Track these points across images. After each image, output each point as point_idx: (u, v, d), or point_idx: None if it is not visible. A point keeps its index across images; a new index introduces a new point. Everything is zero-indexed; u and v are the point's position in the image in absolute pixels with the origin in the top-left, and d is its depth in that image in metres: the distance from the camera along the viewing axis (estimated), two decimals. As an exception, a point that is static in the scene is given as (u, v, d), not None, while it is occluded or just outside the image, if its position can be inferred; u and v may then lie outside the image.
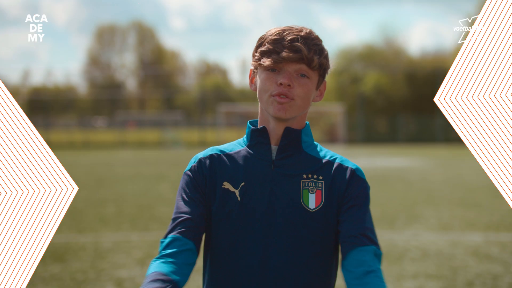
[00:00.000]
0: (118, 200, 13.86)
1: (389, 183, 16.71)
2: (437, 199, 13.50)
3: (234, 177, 2.24)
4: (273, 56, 2.18)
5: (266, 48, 2.21)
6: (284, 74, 2.18)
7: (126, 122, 50.40)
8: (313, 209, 2.20)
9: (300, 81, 2.19)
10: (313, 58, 2.18)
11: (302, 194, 2.21)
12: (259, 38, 2.26)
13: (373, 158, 27.56)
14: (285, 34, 2.20)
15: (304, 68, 2.19)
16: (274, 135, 2.26)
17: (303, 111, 2.25)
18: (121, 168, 23.70)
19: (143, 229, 10.12)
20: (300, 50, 2.17)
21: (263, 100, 2.23)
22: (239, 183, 2.23)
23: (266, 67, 2.21)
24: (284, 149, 2.25)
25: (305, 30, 2.23)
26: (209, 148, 2.34)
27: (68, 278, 7.07)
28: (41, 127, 48.39)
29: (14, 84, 68.54)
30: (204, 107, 51.35)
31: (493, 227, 10.16)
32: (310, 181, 2.23)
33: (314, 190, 2.22)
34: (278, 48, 2.18)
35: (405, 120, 45.18)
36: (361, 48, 53.20)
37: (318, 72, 2.23)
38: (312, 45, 2.20)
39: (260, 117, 2.29)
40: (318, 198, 2.21)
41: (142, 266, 7.59)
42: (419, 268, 7.43)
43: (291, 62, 2.18)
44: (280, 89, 2.18)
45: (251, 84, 2.31)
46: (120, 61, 75.03)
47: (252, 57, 2.28)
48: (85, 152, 37.19)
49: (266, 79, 2.21)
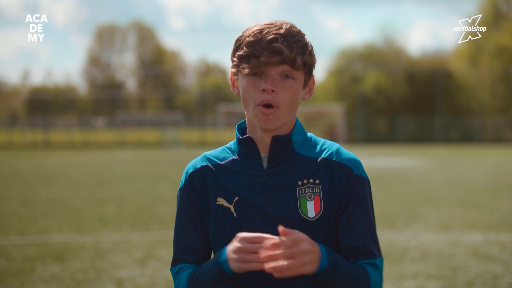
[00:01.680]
0: (118, 200, 13.85)
1: (389, 183, 16.70)
2: (437, 199, 13.50)
3: (227, 191, 2.12)
4: (252, 61, 2.02)
5: (243, 52, 2.04)
6: (267, 79, 2.03)
7: (126, 122, 50.40)
8: (313, 218, 2.09)
9: (285, 84, 2.04)
10: (296, 58, 2.03)
11: (300, 203, 2.09)
12: (236, 40, 2.10)
13: (373, 158, 27.56)
14: (264, 34, 2.03)
15: (287, 69, 2.04)
16: (263, 144, 2.13)
17: (291, 117, 2.11)
18: (121, 168, 23.69)
19: (143, 229, 10.12)
20: (281, 51, 2.01)
21: (248, 109, 2.09)
22: (233, 198, 2.11)
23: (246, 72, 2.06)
24: (275, 157, 2.12)
25: (285, 25, 2.06)
26: (200, 156, 2.23)
27: (68, 278, 7.07)
28: (41, 127, 48.39)
29: (14, 84, 68.56)
30: (204, 107, 51.35)
31: (493, 227, 10.16)
32: (306, 187, 2.10)
33: (312, 197, 2.09)
34: (257, 51, 2.02)
35: (405, 120, 45.16)
36: (361, 48, 53.19)
37: (303, 70, 2.08)
38: (293, 43, 2.03)
39: (248, 123, 2.17)
40: (317, 205, 2.09)
41: (142, 266, 7.59)
42: (419, 268, 7.43)
43: (273, 65, 2.03)
44: (264, 96, 2.03)
45: (233, 87, 2.16)
46: (120, 61, 75.05)
47: (231, 61, 2.12)
48: (85, 152, 37.19)
49: (248, 85, 2.06)
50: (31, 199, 14.04)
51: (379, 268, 2.11)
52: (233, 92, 2.17)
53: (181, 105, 59.55)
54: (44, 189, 16.26)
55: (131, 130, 50.14)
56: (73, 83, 75.81)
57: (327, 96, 47.85)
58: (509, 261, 7.72)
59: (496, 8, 50.30)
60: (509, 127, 45.28)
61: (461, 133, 44.70)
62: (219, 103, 44.21)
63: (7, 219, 11.26)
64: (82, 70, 74.62)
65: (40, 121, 49.53)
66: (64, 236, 9.64)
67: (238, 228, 2.07)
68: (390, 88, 47.55)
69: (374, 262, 2.11)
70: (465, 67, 48.90)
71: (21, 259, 7.99)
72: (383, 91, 47.30)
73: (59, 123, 53.06)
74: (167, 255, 8.14)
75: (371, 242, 2.11)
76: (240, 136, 2.17)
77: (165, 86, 64.52)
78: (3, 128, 52.03)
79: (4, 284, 6.87)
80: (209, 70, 78.25)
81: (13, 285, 6.83)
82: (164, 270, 7.37)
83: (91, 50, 74.70)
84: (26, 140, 47.16)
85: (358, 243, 2.10)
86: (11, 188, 16.56)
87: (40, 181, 18.56)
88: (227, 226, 2.11)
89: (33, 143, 45.72)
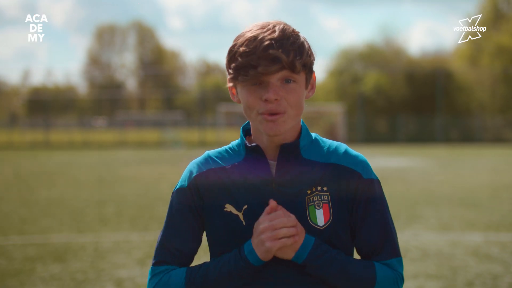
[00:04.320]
0: (118, 200, 13.85)
1: (389, 183, 16.70)
2: (437, 199, 13.50)
3: (235, 198, 2.07)
4: (250, 72, 1.94)
5: (239, 64, 1.96)
6: (268, 88, 1.97)
7: (126, 122, 50.41)
8: (322, 226, 2.05)
9: (287, 89, 1.99)
10: (294, 63, 1.96)
11: (309, 212, 2.05)
12: (229, 51, 2.01)
13: (373, 158, 27.55)
14: (257, 42, 1.95)
15: (287, 74, 1.97)
16: (270, 151, 2.08)
17: (297, 119, 2.06)
18: (121, 168, 23.69)
19: (143, 229, 10.12)
20: (278, 58, 1.94)
21: (251, 117, 2.04)
22: (242, 205, 2.06)
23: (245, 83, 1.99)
24: (283, 165, 2.06)
25: (278, 27, 1.98)
26: (204, 156, 2.16)
27: (68, 278, 7.07)
28: (41, 127, 48.39)
29: (14, 84, 68.56)
30: (204, 107, 51.35)
31: (493, 227, 10.16)
32: (315, 195, 2.06)
33: (321, 205, 2.06)
34: (253, 61, 1.94)
35: (405, 120, 45.16)
36: (361, 48, 53.19)
37: (303, 72, 2.02)
38: (289, 46, 1.96)
39: (253, 129, 2.11)
40: (326, 213, 2.05)
41: (142, 266, 7.59)
42: (419, 268, 7.43)
43: (272, 74, 1.95)
44: (267, 106, 1.97)
45: (233, 95, 2.10)
46: (120, 61, 75.08)
47: (227, 72, 2.05)
48: (85, 152, 37.18)
49: (249, 95, 2.00)
50: (31, 199, 14.03)
51: (394, 268, 2.09)
52: (233, 100, 2.11)
53: (181, 105, 59.57)
54: (44, 189, 16.26)
55: (131, 130, 50.14)
56: (73, 83, 75.90)
57: (327, 96, 47.85)
58: (509, 261, 7.72)
59: (496, 8, 50.30)
60: (509, 127, 45.27)
61: (461, 133, 44.69)
62: (219, 103, 44.20)
63: (7, 219, 11.26)
64: (82, 70, 74.72)
65: (40, 121, 49.53)
66: (64, 236, 9.64)
67: (247, 237, 2.04)
68: (390, 88, 47.55)
69: (388, 262, 2.09)
70: (465, 67, 48.90)
71: (21, 259, 7.99)
72: (383, 91, 47.30)
73: (59, 123, 53.07)
74: (167, 255, 8.14)
75: (386, 243, 2.10)
76: (248, 144, 2.10)
77: (165, 86, 64.55)
78: (3, 128, 52.04)
79: (4, 284, 6.87)
80: (209, 70, 78.26)
81: (13, 285, 6.83)
82: (164, 270, 7.37)
83: (91, 50, 74.75)
84: (26, 140, 47.15)
85: (372, 247, 2.09)
86: (11, 188, 16.56)
87: (40, 181, 18.56)
88: (236, 234, 2.06)
89: (33, 143, 45.72)
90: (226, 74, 2.09)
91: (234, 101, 2.10)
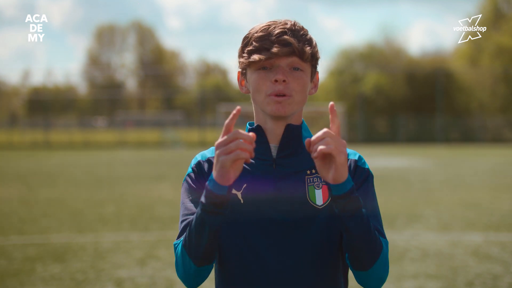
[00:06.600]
0: (118, 200, 13.85)
1: (389, 183, 16.70)
2: (437, 199, 13.50)
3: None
4: (264, 53, 2.10)
5: (253, 47, 2.12)
6: (277, 70, 2.11)
7: (126, 122, 50.42)
8: (321, 206, 2.13)
9: (295, 75, 2.12)
10: (304, 49, 2.11)
11: (308, 191, 2.14)
12: (244, 38, 2.18)
13: (373, 158, 27.55)
14: (271, 29, 2.12)
15: (296, 61, 2.12)
16: (273, 134, 2.18)
17: (301, 106, 2.18)
18: (121, 168, 23.69)
19: (143, 229, 10.12)
20: (290, 43, 2.10)
21: (258, 101, 2.16)
22: (241, 184, 2.15)
23: (256, 67, 2.13)
24: (286, 147, 2.17)
25: (289, 22, 2.16)
26: (211, 148, 2.26)
27: (68, 278, 7.07)
28: (41, 127, 48.39)
29: (14, 84, 68.56)
30: (204, 107, 51.34)
31: (493, 227, 10.16)
32: (314, 177, 2.16)
33: (320, 186, 2.15)
34: (266, 45, 2.10)
35: (405, 120, 45.16)
36: (361, 48, 53.20)
37: (310, 63, 2.16)
38: (300, 36, 2.13)
39: (256, 118, 2.22)
40: (325, 194, 2.14)
41: (142, 266, 7.59)
42: (419, 268, 7.43)
43: (283, 56, 2.10)
44: (276, 87, 2.10)
45: (241, 87, 2.23)
46: (120, 61, 75.08)
47: (239, 57, 2.19)
48: (85, 152, 37.18)
49: (259, 78, 2.13)
50: (31, 199, 14.03)
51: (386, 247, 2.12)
52: (241, 91, 2.22)
53: (181, 105, 59.58)
54: (44, 189, 16.26)
55: (131, 130, 50.15)
56: (73, 83, 75.88)
57: (327, 96, 47.81)
58: (509, 261, 7.72)
59: (496, 8, 50.30)
60: (509, 127, 45.27)
61: (461, 133, 44.69)
62: (219, 103, 44.21)
63: (7, 219, 11.26)
64: (82, 70, 74.71)
65: (40, 121, 49.52)
66: (64, 236, 9.65)
67: (245, 214, 2.12)
68: (390, 88, 47.55)
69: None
70: (465, 67, 48.90)
71: (21, 259, 7.99)
72: (383, 91, 47.30)
73: (59, 123, 53.09)
74: (167, 255, 8.15)
75: (377, 223, 2.14)
76: (250, 127, 2.22)
77: (165, 86, 64.53)
78: (3, 128, 52.05)
79: (4, 284, 6.87)
80: (209, 70, 78.27)
81: (13, 285, 6.83)
82: (164, 270, 7.38)
83: (91, 50, 74.74)
84: (26, 140, 47.17)
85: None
86: (11, 188, 16.55)
87: (40, 181, 18.56)
88: (234, 211, 2.12)
89: (33, 143, 45.72)
90: (237, 65, 2.22)
91: (243, 92, 2.22)
